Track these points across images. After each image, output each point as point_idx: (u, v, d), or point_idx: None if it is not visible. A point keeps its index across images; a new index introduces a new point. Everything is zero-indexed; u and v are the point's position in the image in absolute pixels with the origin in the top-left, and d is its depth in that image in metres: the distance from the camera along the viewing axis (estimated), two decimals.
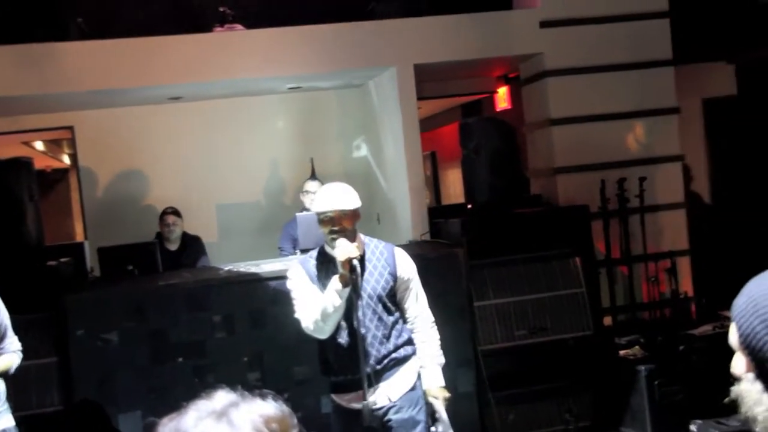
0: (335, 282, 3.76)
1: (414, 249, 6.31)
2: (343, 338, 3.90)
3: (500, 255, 6.00)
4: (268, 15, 7.00)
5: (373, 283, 3.89)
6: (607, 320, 6.73)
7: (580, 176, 7.06)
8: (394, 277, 3.92)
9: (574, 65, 7.13)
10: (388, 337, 3.89)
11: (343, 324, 3.88)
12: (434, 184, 11.44)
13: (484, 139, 6.26)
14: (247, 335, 5.51)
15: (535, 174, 7.58)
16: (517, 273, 6.02)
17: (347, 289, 3.74)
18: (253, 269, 5.78)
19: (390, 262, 3.94)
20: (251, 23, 6.91)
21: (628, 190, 6.98)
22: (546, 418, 5.85)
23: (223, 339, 5.49)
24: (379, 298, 3.89)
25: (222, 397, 1.42)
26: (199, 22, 6.84)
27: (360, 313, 3.77)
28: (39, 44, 6.34)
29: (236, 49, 6.66)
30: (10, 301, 4.41)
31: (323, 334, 3.89)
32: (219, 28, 6.85)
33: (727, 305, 1.69)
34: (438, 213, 7.09)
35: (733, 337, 1.64)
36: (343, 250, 3.71)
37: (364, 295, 3.84)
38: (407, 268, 3.99)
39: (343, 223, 3.79)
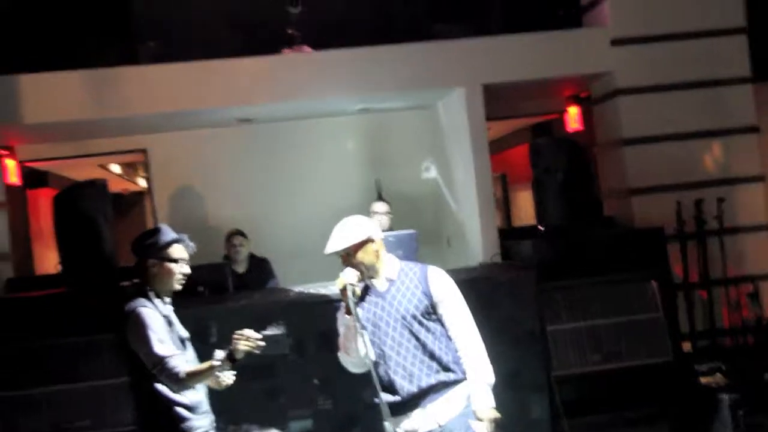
0: (341, 312, 3.87)
1: (484, 271, 6.24)
2: (380, 365, 3.86)
3: (573, 278, 5.86)
4: (335, 36, 7.02)
5: (406, 303, 3.85)
6: (686, 346, 6.51)
7: (654, 197, 6.88)
8: (428, 296, 3.86)
9: (646, 83, 6.98)
10: (431, 359, 3.82)
11: (377, 351, 3.86)
12: (505, 205, 11.31)
13: (555, 160, 6.17)
14: (317, 357, 5.45)
15: (608, 195, 7.41)
16: (591, 296, 5.88)
17: (350, 318, 3.77)
18: (322, 291, 5.75)
19: (422, 281, 3.89)
20: (319, 45, 6.94)
21: (705, 212, 6.77)
22: None
23: (293, 361, 5.47)
24: (414, 319, 3.83)
25: None
26: (268, 44, 6.90)
27: (365, 340, 3.75)
28: (112, 68, 6.47)
29: (305, 70, 6.69)
30: (83, 321, 4.46)
31: (349, 366, 3.93)
32: (287, 50, 6.90)
33: None
34: (509, 235, 6.98)
35: None
36: (340, 279, 3.81)
37: (398, 317, 3.82)
38: (442, 286, 3.91)
39: (349, 260, 3.90)
